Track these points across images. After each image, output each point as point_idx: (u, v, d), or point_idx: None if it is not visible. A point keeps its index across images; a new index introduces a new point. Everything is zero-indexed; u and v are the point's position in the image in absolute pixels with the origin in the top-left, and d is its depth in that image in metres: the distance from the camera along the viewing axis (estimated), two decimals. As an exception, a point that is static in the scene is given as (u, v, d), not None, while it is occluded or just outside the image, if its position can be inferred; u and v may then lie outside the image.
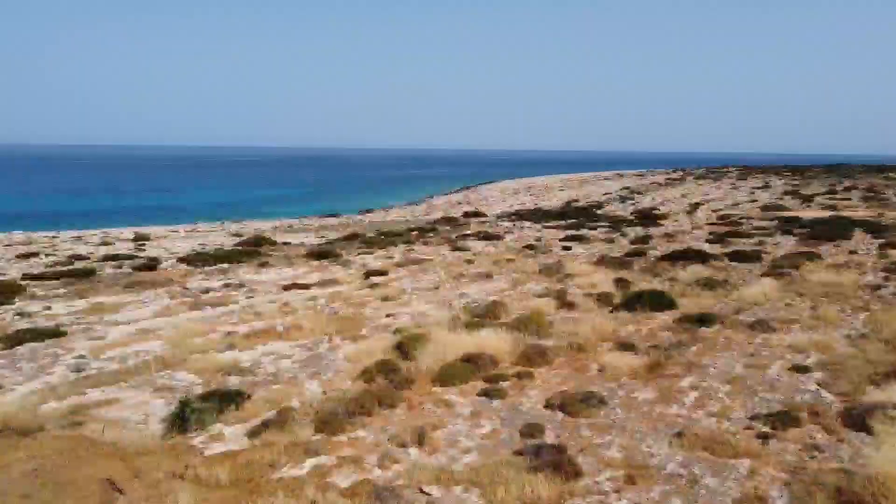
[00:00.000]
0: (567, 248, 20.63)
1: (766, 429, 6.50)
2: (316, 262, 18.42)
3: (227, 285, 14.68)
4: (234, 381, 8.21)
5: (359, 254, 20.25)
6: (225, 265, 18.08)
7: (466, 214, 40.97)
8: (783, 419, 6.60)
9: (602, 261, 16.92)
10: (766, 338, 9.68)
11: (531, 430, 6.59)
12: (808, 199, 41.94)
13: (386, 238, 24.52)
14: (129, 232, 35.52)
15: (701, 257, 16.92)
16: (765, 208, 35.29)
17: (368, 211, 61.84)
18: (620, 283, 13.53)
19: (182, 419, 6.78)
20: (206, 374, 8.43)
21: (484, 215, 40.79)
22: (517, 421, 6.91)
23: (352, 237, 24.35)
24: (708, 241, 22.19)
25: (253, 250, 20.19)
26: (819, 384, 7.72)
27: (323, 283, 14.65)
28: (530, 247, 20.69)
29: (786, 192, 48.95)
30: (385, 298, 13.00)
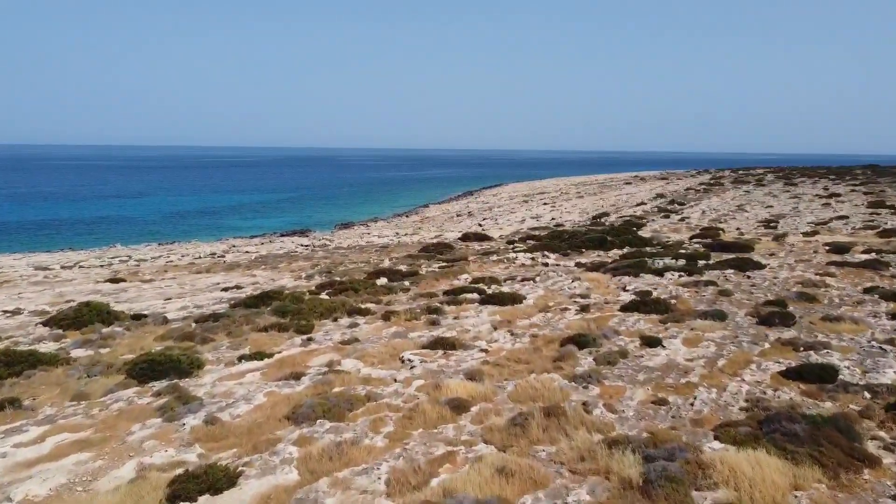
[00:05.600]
0: (651, 343, 10.56)
1: None
2: (125, 399, 8.46)
3: None
4: None
5: (242, 357, 10.26)
6: (-84, 411, 8.11)
7: (466, 237, 30.86)
8: None
9: (767, 423, 6.90)
10: None
11: None
12: (917, 215, 31.76)
13: (327, 300, 14.53)
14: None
15: None
16: (884, 233, 25.12)
17: (346, 226, 51.47)
18: None
19: None
20: None
21: (489, 238, 30.68)
22: None
23: (264, 300, 14.38)
24: (891, 314, 12.23)
25: (40, 356, 10.24)
26: None
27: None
28: (577, 340, 10.63)
29: (871, 204, 38.79)
30: None
